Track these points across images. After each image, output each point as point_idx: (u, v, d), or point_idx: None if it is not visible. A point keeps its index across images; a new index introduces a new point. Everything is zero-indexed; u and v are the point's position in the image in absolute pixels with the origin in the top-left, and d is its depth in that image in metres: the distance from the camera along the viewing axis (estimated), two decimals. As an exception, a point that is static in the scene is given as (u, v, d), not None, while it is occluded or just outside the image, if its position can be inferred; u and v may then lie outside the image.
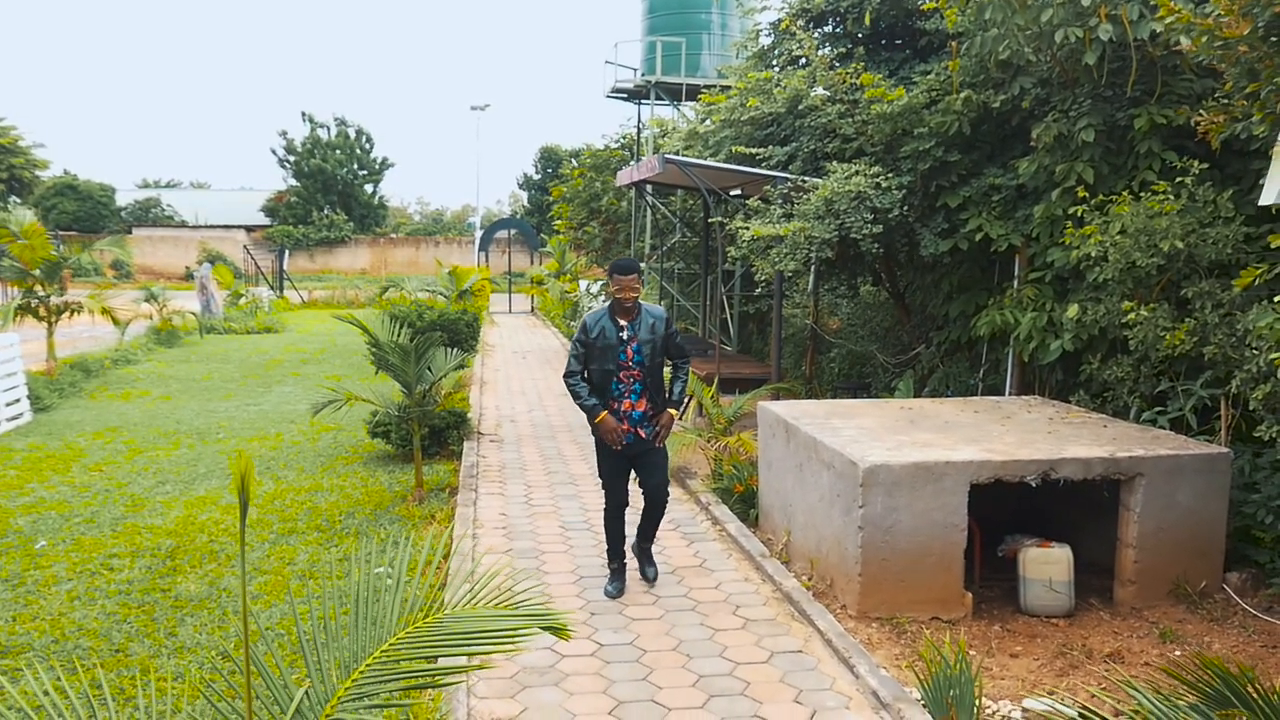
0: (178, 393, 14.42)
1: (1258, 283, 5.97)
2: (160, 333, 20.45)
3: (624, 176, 14.01)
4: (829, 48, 11.05)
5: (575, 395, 6.09)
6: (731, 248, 10.16)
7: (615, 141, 22.77)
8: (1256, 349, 5.95)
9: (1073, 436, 6.31)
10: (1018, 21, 7.44)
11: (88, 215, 48.48)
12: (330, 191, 51.44)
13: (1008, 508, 6.63)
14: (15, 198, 40.95)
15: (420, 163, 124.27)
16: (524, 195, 55.99)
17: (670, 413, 6.16)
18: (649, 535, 6.39)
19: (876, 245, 8.99)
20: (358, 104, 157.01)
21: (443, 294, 18.66)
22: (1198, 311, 6.61)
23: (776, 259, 8.93)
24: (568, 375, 6.13)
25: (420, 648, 2.25)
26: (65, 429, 11.54)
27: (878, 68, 10.26)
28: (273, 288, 33.42)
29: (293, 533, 7.50)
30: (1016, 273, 8.67)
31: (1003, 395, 8.77)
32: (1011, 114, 8.69)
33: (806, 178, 9.57)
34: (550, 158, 51.63)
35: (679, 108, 20.15)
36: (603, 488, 6.29)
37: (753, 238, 9.10)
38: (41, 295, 14.77)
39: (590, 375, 6.07)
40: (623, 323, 6.04)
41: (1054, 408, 7.42)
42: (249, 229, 49.71)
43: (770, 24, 12.32)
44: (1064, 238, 7.48)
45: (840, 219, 8.76)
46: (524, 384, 15.19)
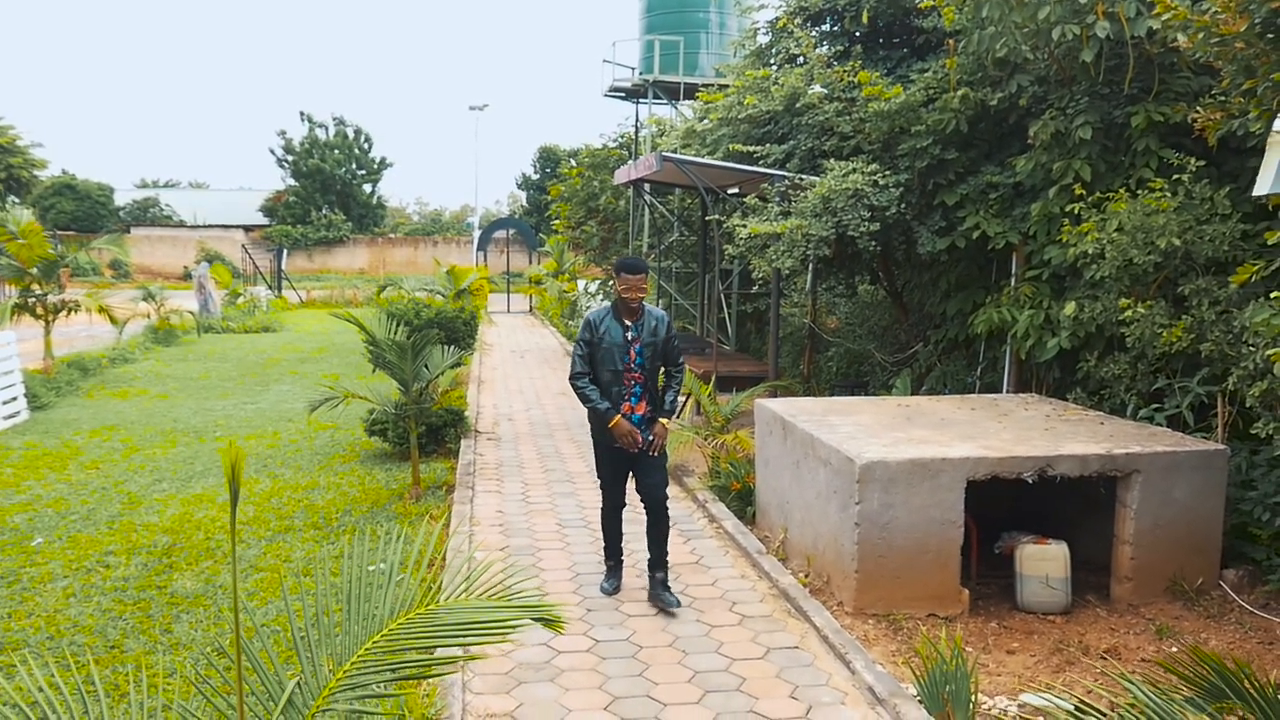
0: (175, 391, 14.40)
1: (1255, 279, 5.97)
2: (158, 332, 20.44)
3: (622, 175, 14.01)
4: (826, 46, 11.04)
5: (585, 399, 5.86)
6: (729, 246, 10.15)
7: (614, 141, 22.76)
8: (1253, 346, 5.95)
9: (1069, 433, 6.31)
10: (1015, 19, 7.44)
11: (86, 215, 48.44)
12: (329, 191, 51.42)
13: (1005, 505, 6.62)
14: (13, 197, 40.86)
15: (419, 163, 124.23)
16: (523, 195, 55.98)
17: (663, 423, 5.97)
18: (659, 563, 5.96)
19: (874, 243, 8.99)
20: (356, 104, 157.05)
21: (440, 293, 18.64)
22: (1195, 309, 6.60)
23: (774, 257, 8.93)
24: (574, 377, 5.91)
25: (413, 638, 2.24)
26: (62, 427, 11.53)
27: (875, 66, 10.25)
28: (271, 287, 33.39)
29: (289, 530, 7.48)
30: (1014, 271, 8.67)
31: (1000, 393, 8.77)
32: (1009, 112, 8.68)
33: (804, 176, 9.56)
34: (549, 158, 51.61)
35: (677, 107, 20.14)
36: (601, 489, 6.21)
37: (750, 235, 9.09)
38: (38, 294, 14.76)
39: (598, 377, 5.88)
40: (627, 323, 5.90)
41: (1051, 405, 7.42)
42: (247, 229, 49.68)
43: (768, 22, 12.31)
44: (1061, 235, 7.48)
45: (837, 217, 8.76)
46: (522, 383, 15.19)
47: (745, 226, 9.21)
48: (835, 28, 11.19)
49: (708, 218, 11.96)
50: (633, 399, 5.92)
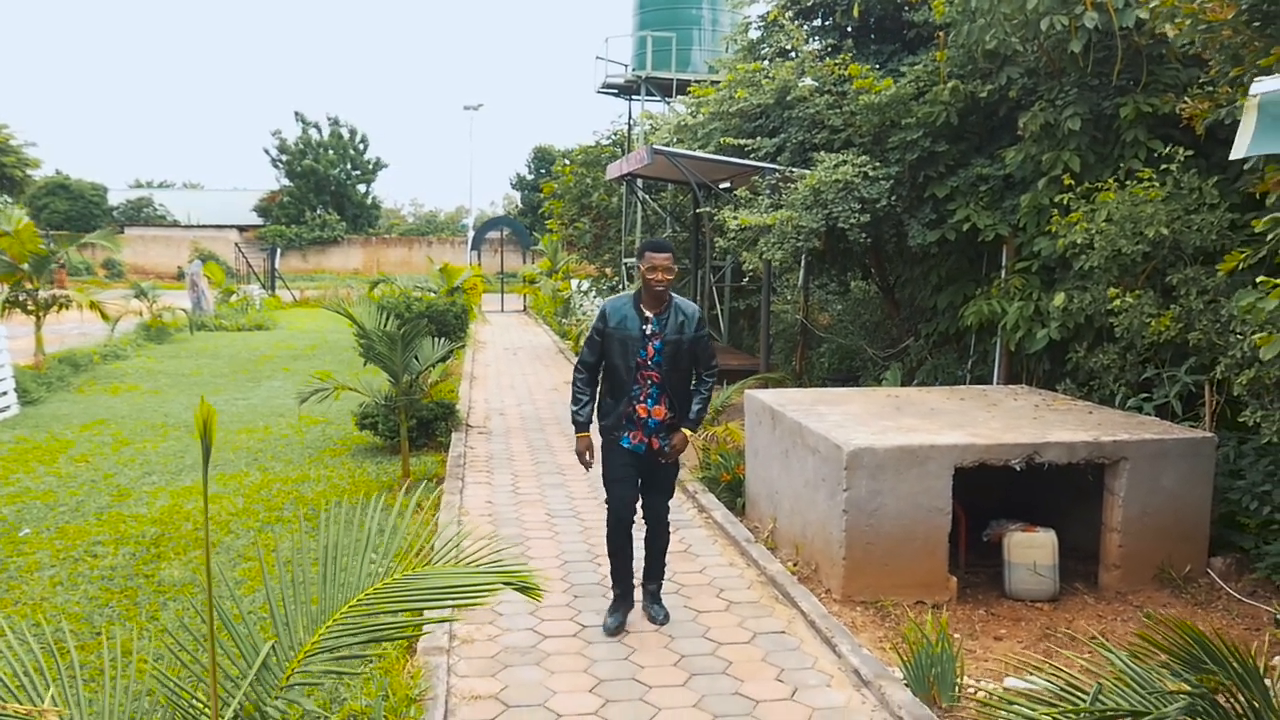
0: (166, 387, 14.36)
1: (1242, 267, 5.98)
2: (150, 329, 20.39)
3: (614, 170, 14.02)
4: (818, 40, 11.06)
5: (573, 398, 5.30)
6: (720, 238, 10.16)
7: (607, 138, 22.75)
8: (1240, 334, 5.96)
9: (1058, 422, 6.32)
10: (1004, 10, 7.46)
11: (79, 215, 48.32)
12: (323, 192, 51.37)
13: (995, 495, 6.62)
14: (7, 197, 40.73)
15: (414, 165, 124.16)
16: (517, 196, 55.98)
17: (684, 433, 5.31)
18: (655, 574, 5.50)
19: (864, 235, 9.00)
20: (351, 105, 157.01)
21: (433, 290, 18.63)
22: (1183, 298, 6.62)
23: (764, 249, 8.93)
24: (578, 367, 5.32)
25: (389, 602, 2.24)
26: (52, 421, 11.49)
27: (866, 60, 10.27)
28: (264, 286, 33.34)
29: (278, 521, 7.47)
30: (1004, 263, 8.68)
31: (990, 385, 8.78)
32: (999, 104, 8.70)
33: (794, 169, 9.57)
34: (543, 158, 51.59)
35: (670, 103, 20.16)
36: (605, 501, 5.35)
37: (740, 228, 9.10)
38: (29, 289, 14.71)
39: (608, 372, 5.24)
40: (649, 314, 5.17)
41: (1040, 396, 7.43)
42: (242, 229, 49.62)
43: (760, 17, 12.32)
44: (1050, 226, 7.49)
45: (828, 209, 8.77)
46: (514, 379, 15.17)
47: (736, 218, 9.21)
48: (827, 22, 11.22)
49: (699, 210, 11.96)
50: (649, 401, 5.23)
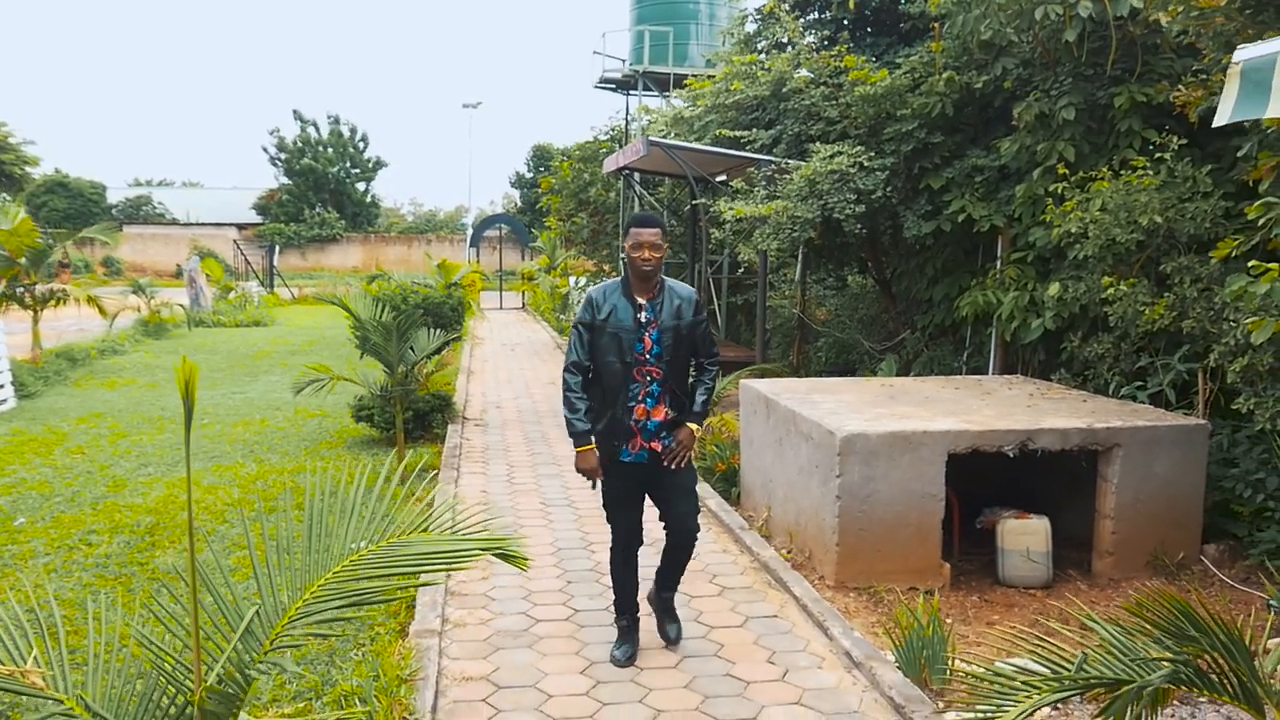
0: (163, 381, 14.36)
1: (1235, 255, 5.99)
2: (148, 325, 20.39)
3: (610, 163, 14.03)
4: (814, 33, 11.06)
5: (567, 404, 4.64)
6: (716, 230, 10.16)
7: (604, 134, 22.75)
8: (1234, 321, 5.97)
9: (1051, 409, 6.32)
10: (999, 0, 7.46)
11: (78, 213, 48.25)
12: (322, 190, 51.36)
13: (989, 484, 6.63)
14: (5, 195, 40.75)
15: (413, 164, 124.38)
16: (516, 194, 55.97)
17: (690, 428, 4.65)
18: (671, 582, 4.91)
19: (860, 226, 9.00)
20: (350, 103, 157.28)
21: (430, 285, 18.64)
22: (1177, 286, 6.62)
23: (759, 240, 8.94)
24: (567, 369, 4.67)
25: (372, 569, 2.24)
26: (49, 414, 11.49)
27: (862, 52, 10.28)
28: (263, 284, 33.34)
29: (273, 511, 7.47)
30: (999, 254, 8.69)
31: (985, 375, 8.78)
32: (994, 95, 8.70)
33: (790, 160, 9.58)
34: (542, 156, 51.58)
35: (667, 98, 20.16)
36: (608, 520, 4.82)
37: (735, 219, 9.10)
38: (27, 284, 14.71)
39: (599, 374, 4.60)
40: (641, 301, 4.55)
41: (1034, 385, 7.44)
42: (240, 227, 49.61)
43: (756, 10, 12.33)
44: (1045, 216, 7.49)
45: (823, 199, 8.77)
46: (511, 373, 15.18)
47: (731, 209, 9.22)
48: (823, 14, 11.22)
49: (695, 202, 11.96)
50: (649, 400, 4.60)
